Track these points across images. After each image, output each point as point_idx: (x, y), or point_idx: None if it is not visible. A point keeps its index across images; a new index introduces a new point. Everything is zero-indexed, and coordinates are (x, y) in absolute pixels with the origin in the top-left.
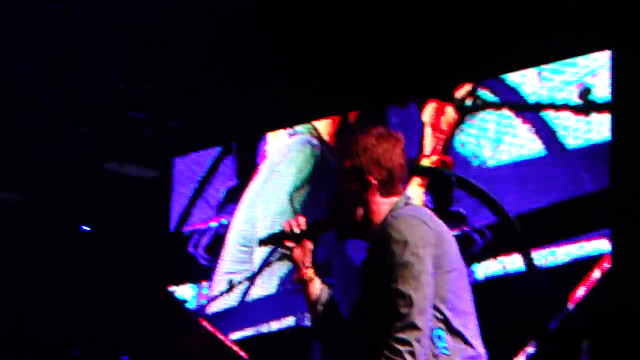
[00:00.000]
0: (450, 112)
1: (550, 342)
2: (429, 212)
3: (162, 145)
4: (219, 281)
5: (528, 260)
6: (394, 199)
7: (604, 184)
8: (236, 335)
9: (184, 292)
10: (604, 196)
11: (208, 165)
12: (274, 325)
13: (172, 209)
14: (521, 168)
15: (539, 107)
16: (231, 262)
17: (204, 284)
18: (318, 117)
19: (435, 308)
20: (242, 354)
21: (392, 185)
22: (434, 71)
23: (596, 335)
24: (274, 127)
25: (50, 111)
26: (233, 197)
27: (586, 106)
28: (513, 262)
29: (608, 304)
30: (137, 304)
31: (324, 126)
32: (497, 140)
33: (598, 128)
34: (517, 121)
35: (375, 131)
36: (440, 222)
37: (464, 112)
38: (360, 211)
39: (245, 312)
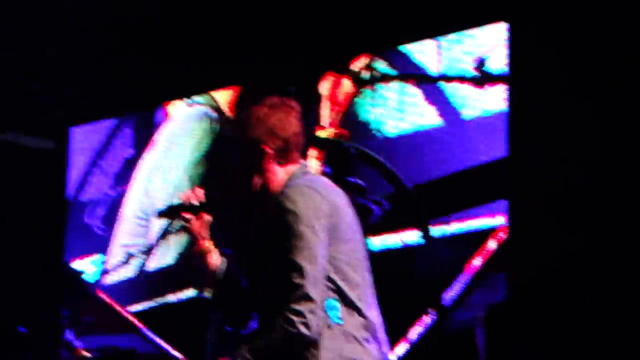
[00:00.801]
0: (347, 85)
1: (447, 312)
2: (327, 181)
3: (58, 115)
4: (116, 253)
5: (425, 231)
6: (291, 167)
7: (500, 155)
8: (134, 307)
9: (80, 263)
10: (500, 167)
11: (106, 134)
12: (172, 297)
13: (69, 179)
14: (419, 139)
15: (437, 79)
16: (128, 234)
17: (101, 254)
18: (217, 87)
19: (330, 279)
20: (140, 325)
21: (288, 154)
22: (330, 43)
23: (491, 306)
24: (173, 97)
25: None
26: (131, 167)
27: (483, 78)
28: (410, 233)
29: (503, 273)
30: (31, 274)
31: (223, 97)
32: (396, 111)
33: (495, 99)
34: (415, 92)
35: (268, 101)
36: (337, 191)
37: (361, 85)
38: (257, 181)
39: (143, 284)
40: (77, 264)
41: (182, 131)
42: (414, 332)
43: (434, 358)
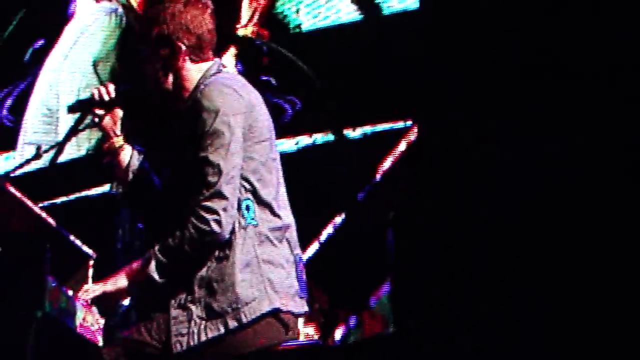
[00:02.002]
0: None
1: (358, 212)
2: (242, 80)
3: None
4: (25, 147)
5: (337, 131)
6: (204, 65)
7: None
8: (44, 201)
9: None
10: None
11: (13, 22)
12: (83, 192)
13: None
14: (337, 34)
15: None
16: (34, 130)
17: (9, 148)
18: None
19: (245, 179)
20: (50, 220)
21: (201, 50)
22: None
23: (401, 206)
24: None
25: None
26: (39, 57)
27: None
28: (322, 133)
29: (413, 175)
30: None
31: None
32: (315, 6)
33: None
34: None
35: None
36: (253, 90)
37: None
38: (170, 78)
39: (53, 179)
40: None
41: (90, 26)
42: (325, 233)
43: (343, 258)
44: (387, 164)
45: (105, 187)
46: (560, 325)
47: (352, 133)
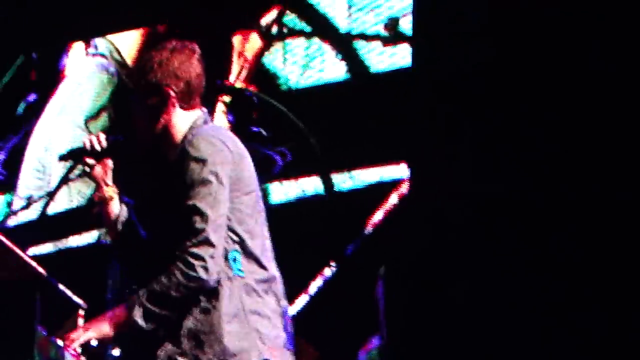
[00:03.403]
0: (255, 40)
1: (348, 265)
2: (228, 132)
3: None
4: (17, 200)
5: (327, 183)
6: (193, 113)
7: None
8: (35, 250)
9: None
10: (403, 123)
11: (7, 77)
12: (73, 242)
13: None
14: (326, 91)
15: (345, 35)
16: (28, 187)
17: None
18: (117, 29)
19: (232, 230)
20: (39, 269)
21: (190, 97)
22: None
23: (393, 260)
24: (75, 38)
25: None
26: (32, 112)
27: (392, 37)
28: (312, 185)
29: (404, 228)
30: None
31: (127, 49)
32: (304, 65)
33: (402, 54)
34: (324, 47)
35: (169, 45)
36: (239, 143)
37: (270, 40)
38: (160, 126)
39: (43, 228)
40: None
41: (82, 83)
42: (315, 285)
43: (334, 310)
44: (378, 216)
45: (95, 236)
46: None
47: (343, 184)
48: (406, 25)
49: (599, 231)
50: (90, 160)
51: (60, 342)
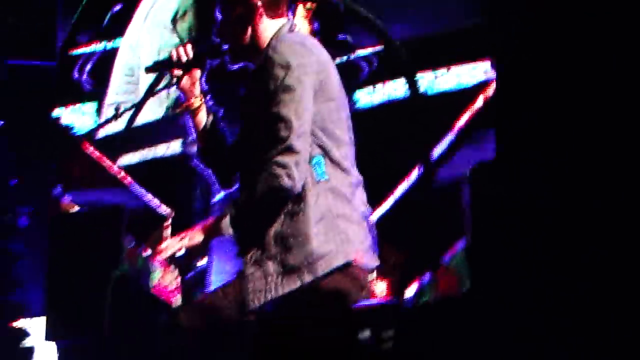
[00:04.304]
0: None
1: (433, 168)
2: (313, 39)
3: None
4: (106, 109)
5: (412, 87)
6: (279, 21)
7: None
8: (123, 160)
9: (69, 117)
10: (489, 24)
11: None
12: (160, 151)
13: (58, 33)
14: None
15: None
16: (117, 92)
17: (89, 109)
18: None
19: (315, 135)
20: (128, 180)
21: (277, 6)
22: None
23: (478, 163)
24: None
25: None
26: (117, 20)
27: None
28: (397, 89)
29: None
30: (19, 129)
31: None
32: None
33: None
34: None
35: None
36: (323, 50)
37: None
38: (246, 35)
39: (131, 139)
40: (65, 117)
41: None
42: (400, 189)
43: (418, 215)
44: (464, 119)
45: (181, 146)
46: None
47: (429, 81)
48: None
49: None
50: (177, 71)
51: (147, 253)
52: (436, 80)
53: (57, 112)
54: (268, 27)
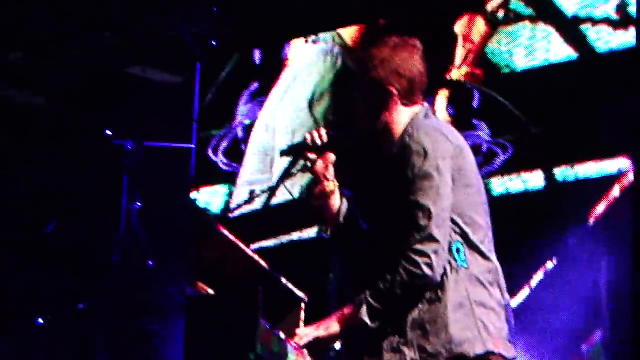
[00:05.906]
0: (481, 24)
1: (570, 258)
2: (449, 125)
3: (186, 50)
4: (240, 189)
5: (549, 176)
6: (415, 109)
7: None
8: (257, 244)
9: (204, 197)
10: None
11: (230, 69)
12: (295, 236)
13: (195, 114)
14: (551, 72)
15: (575, 21)
16: (251, 171)
17: (224, 190)
18: (342, 25)
19: (454, 222)
20: (262, 263)
21: (412, 94)
22: None
23: (615, 252)
24: (298, 34)
25: (73, 15)
26: (253, 102)
27: (622, 20)
28: (533, 178)
29: (627, 220)
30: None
31: (348, 33)
32: (529, 47)
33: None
34: (549, 29)
35: (391, 41)
36: (459, 136)
37: (496, 25)
38: (381, 122)
39: (266, 222)
40: (201, 199)
41: (305, 69)
42: (537, 279)
43: (556, 303)
44: (600, 208)
45: (316, 230)
46: None
47: (565, 173)
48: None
49: None
50: (311, 155)
51: (283, 335)
52: (572, 168)
53: (194, 193)
54: (403, 114)
